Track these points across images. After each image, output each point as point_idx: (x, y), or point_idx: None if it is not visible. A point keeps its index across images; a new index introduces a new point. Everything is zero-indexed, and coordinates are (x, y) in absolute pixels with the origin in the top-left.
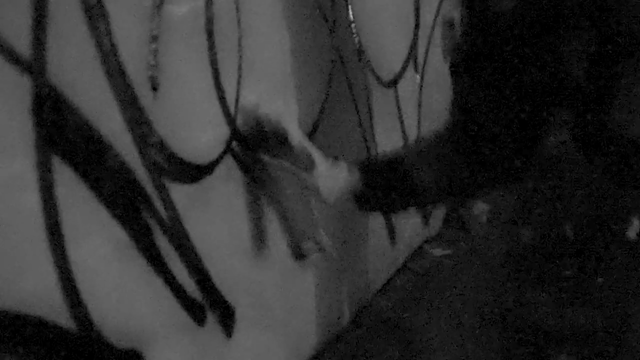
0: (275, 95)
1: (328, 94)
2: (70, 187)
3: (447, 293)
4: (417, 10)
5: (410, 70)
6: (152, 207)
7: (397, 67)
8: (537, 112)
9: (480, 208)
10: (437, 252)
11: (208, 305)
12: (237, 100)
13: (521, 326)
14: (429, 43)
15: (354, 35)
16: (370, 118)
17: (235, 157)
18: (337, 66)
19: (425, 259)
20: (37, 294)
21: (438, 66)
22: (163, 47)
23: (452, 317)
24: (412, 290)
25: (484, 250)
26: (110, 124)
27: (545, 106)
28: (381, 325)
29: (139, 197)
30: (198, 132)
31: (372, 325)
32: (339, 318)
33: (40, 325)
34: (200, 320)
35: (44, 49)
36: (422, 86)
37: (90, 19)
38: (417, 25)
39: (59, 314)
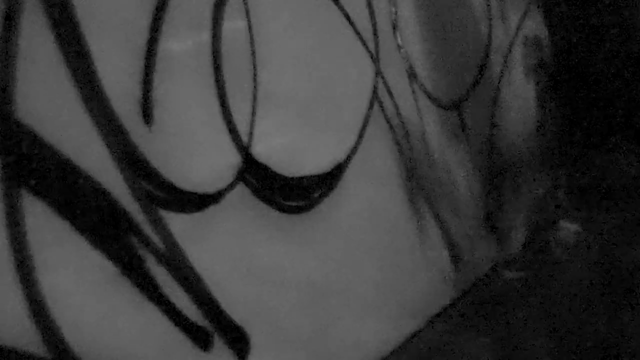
0: (297, 124)
1: (365, 125)
2: (43, 220)
3: (509, 318)
4: (489, 27)
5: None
6: (143, 236)
7: (462, 89)
8: None
9: (567, 230)
10: (509, 274)
11: (216, 330)
12: (251, 130)
13: (612, 351)
14: (505, 62)
15: (404, 60)
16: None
17: (248, 184)
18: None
19: (495, 282)
20: (8, 324)
21: (518, 85)
22: (161, 82)
23: (510, 342)
24: (471, 315)
25: (562, 273)
26: (93, 158)
27: None
28: (429, 351)
29: (127, 228)
30: (201, 162)
31: (418, 353)
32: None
33: (13, 353)
34: (204, 345)
35: (11, 89)
36: (496, 106)
37: (67, 58)
38: (489, 44)
39: (31, 343)
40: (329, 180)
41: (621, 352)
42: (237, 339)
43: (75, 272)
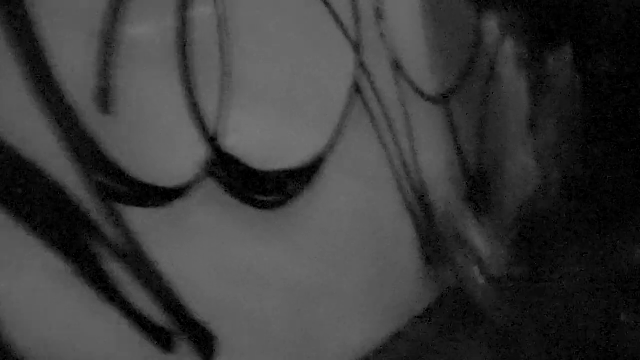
0: (273, 116)
1: (345, 117)
2: None
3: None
4: (479, 19)
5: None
6: (99, 233)
7: (451, 82)
8: None
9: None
10: (500, 274)
11: (180, 331)
12: (221, 122)
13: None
14: (496, 55)
15: (389, 50)
16: (410, 135)
17: (218, 178)
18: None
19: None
20: None
21: (508, 79)
22: (121, 71)
23: (501, 344)
24: (461, 315)
25: (556, 272)
26: (45, 151)
27: None
28: (417, 352)
29: (82, 225)
30: (165, 155)
31: (405, 353)
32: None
33: None
34: (165, 346)
35: None
36: (486, 100)
37: (17, 44)
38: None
39: None
40: (308, 174)
41: (617, 350)
42: (202, 339)
43: (26, 272)
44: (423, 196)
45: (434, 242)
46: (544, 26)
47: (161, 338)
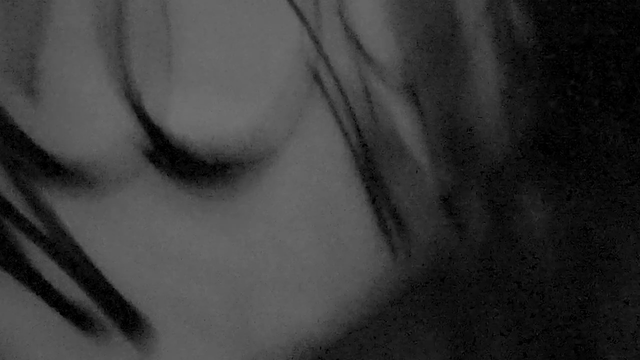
0: (219, 101)
1: (299, 102)
2: None
3: (468, 309)
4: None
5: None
6: (20, 220)
7: (421, 66)
8: None
9: (532, 213)
10: (469, 261)
11: (111, 317)
12: (162, 106)
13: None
14: (474, 37)
15: (348, 33)
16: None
17: (158, 165)
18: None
19: (453, 269)
20: None
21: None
22: (47, 51)
23: (468, 336)
24: (425, 304)
25: (529, 260)
26: None
27: None
28: (374, 342)
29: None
30: (98, 139)
31: (362, 343)
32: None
33: None
34: (95, 333)
35: None
36: (461, 85)
37: None
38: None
39: None
40: (255, 161)
41: (597, 343)
42: (134, 326)
43: None
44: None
45: (396, 225)
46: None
47: (90, 325)
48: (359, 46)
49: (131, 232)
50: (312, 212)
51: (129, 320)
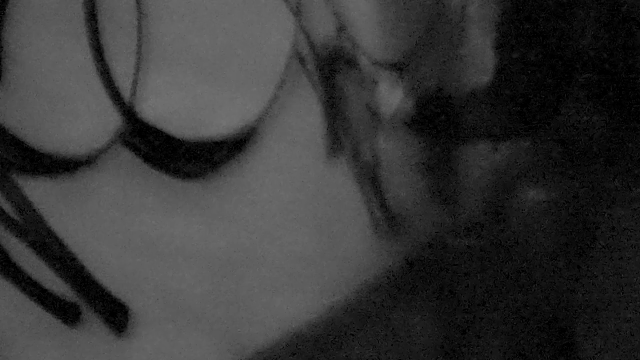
0: (198, 82)
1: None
2: None
3: (456, 291)
4: None
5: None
6: None
7: (408, 47)
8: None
9: (528, 197)
10: (459, 243)
11: (89, 304)
12: (136, 87)
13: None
14: (462, 16)
15: (332, 12)
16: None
17: (133, 147)
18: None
19: (441, 250)
20: None
21: (475, 43)
22: (13, 33)
23: (456, 320)
24: (410, 287)
25: (521, 243)
26: None
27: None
28: (359, 324)
29: None
30: (69, 122)
31: (346, 326)
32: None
33: None
34: (70, 320)
35: None
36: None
37: None
38: None
39: None
40: (236, 143)
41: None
42: (113, 312)
43: None
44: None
45: (388, 208)
46: None
47: (68, 313)
48: (344, 31)
49: (107, 217)
50: (297, 193)
51: (110, 309)
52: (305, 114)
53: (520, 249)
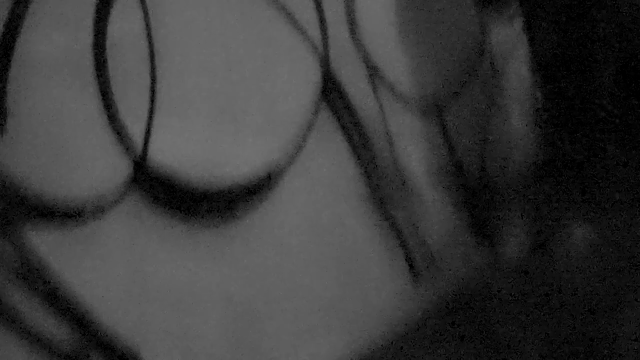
0: (213, 130)
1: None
2: None
3: (496, 329)
4: (483, 17)
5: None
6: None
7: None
8: None
9: (575, 235)
10: (501, 284)
11: (99, 357)
12: (147, 137)
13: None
14: (504, 59)
15: (364, 55)
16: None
17: (144, 197)
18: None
19: (481, 292)
20: None
21: (519, 87)
22: (20, 87)
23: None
24: (448, 328)
25: (569, 286)
26: None
27: None
28: None
29: None
30: (76, 174)
31: None
32: None
33: None
34: None
35: None
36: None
37: None
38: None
39: None
40: (256, 189)
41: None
42: None
43: None
44: (407, 206)
45: (422, 251)
46: None
47: None
48: (376, 71)
49: (116, 263)
50: (320, 236)
51: (117, 357)
52: (331, 159)
53: (565, 291)
